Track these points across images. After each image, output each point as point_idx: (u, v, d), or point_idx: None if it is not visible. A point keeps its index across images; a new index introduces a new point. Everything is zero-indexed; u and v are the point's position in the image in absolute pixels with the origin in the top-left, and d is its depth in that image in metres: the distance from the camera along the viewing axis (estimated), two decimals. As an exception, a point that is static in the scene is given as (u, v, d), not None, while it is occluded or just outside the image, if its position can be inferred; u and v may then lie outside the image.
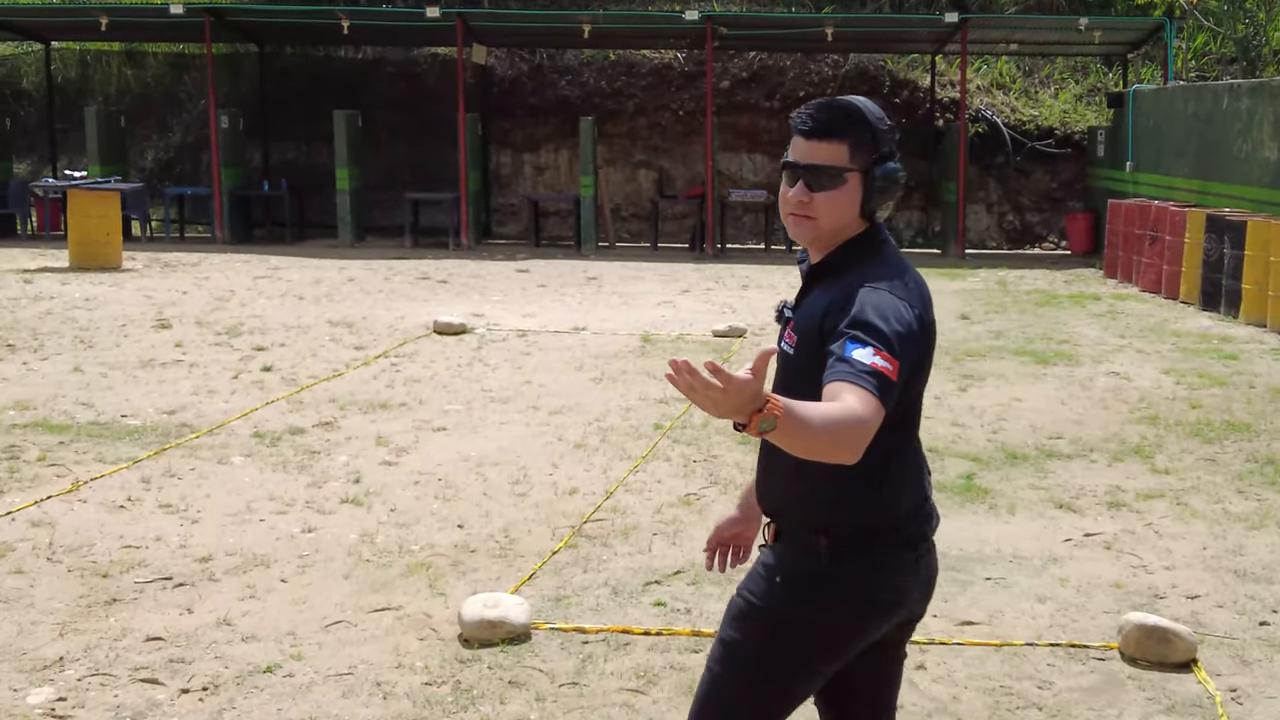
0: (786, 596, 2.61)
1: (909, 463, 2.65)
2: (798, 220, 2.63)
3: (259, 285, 14.76)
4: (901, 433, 2.60)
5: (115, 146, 20.27)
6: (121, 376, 9.53)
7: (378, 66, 22.83)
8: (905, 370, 2.45)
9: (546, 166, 22.54)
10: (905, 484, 2.63)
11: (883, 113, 2.66)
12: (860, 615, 2.60)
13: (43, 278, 14.97)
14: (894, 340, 2.43)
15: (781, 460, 2.49)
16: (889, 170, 2.60)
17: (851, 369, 2.37)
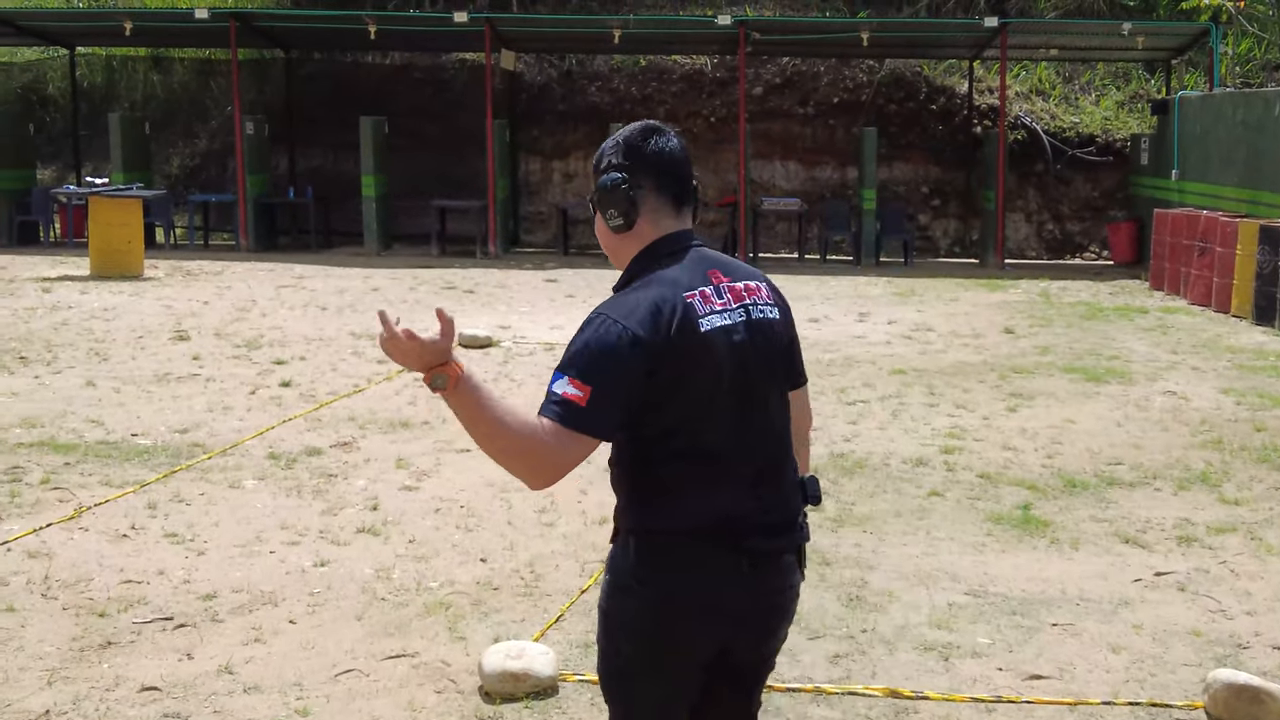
0: (608, 595, 2.72)
1: (689, 475, 2.63)
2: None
3: (281, 295, 14.43)
4: (671, 447, 2.62)
5: (140, 153, 20.02)
6: (134, 392, 9.18)
7: (405, 72, 22.53)
8: (609, 392, 2.49)
9: (576, 174, 22.16)
10: (685, 496, 2.62)
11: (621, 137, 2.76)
12: (666, 619, 2.63)
13: (62, 286, 14.68)
14: (587, 367, 2.50)
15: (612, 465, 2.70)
16: (600, 184, 2.73)
17: (546, 400, 2.52)
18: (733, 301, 2.69)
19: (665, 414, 2.60)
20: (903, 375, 10.11)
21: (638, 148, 2.73)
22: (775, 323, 2.76)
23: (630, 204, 2.70)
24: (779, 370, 2.78)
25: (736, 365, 2.65)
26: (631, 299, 2.61)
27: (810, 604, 5.22)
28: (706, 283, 2.68)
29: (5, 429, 7.98)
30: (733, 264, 2.78)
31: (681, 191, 2.77)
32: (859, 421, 8.52)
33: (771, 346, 2.74)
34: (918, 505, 6.66)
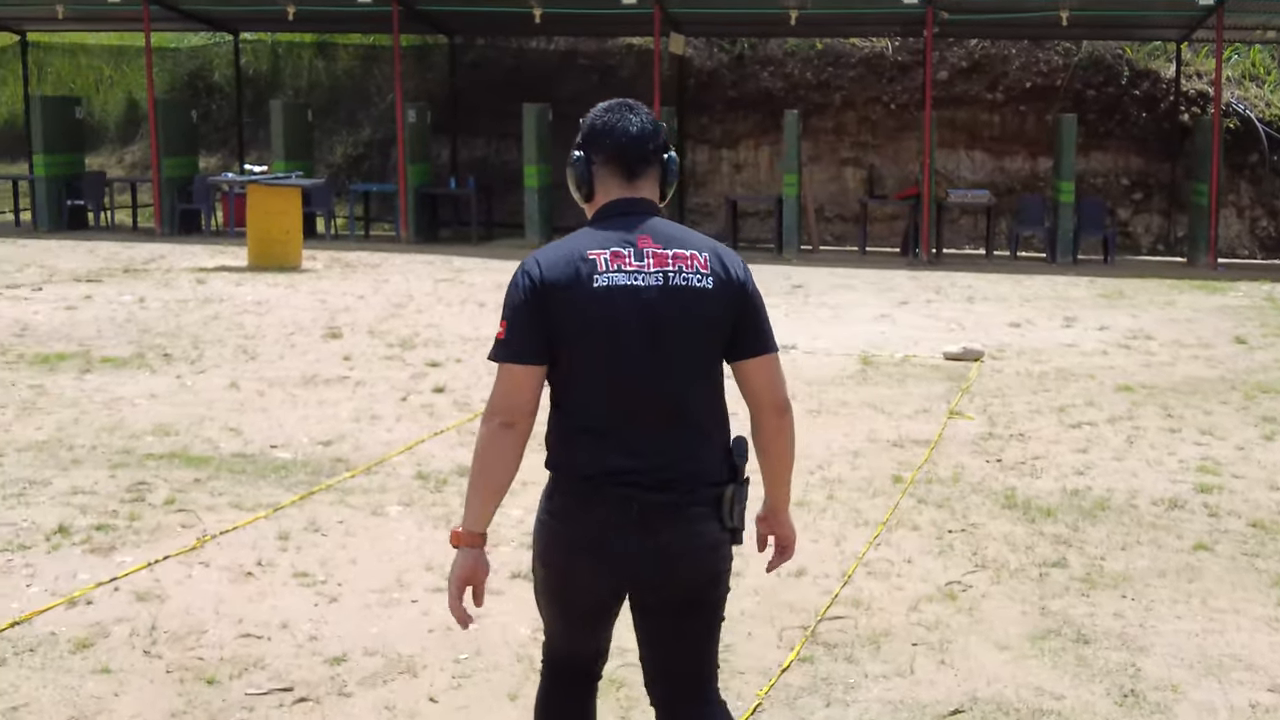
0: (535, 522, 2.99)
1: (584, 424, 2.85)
2: None
3: (439, 290, 13.73)
4: (572, 396, 2.86)
5: (301, 141, 19.64)
6: (279, 396, 8.49)
7: (570, 59, 21.78)
8: (518, 325, 2.84)
9: (745, 164, 21.15)
10: (581, 444, 2.86)
11: (587, 117, 2.99)
12: (560, 554, 2.92)
13: (217, 278, 14.24)
14: (505, 306, 2.89)
15: None
16: (571, 159, 2.98)
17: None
18: (651, 265, 2.85)
19: (567, 361, 2.84)
20: (1130, 392, 8.85)
21: (594, 127, 2.97)
22: (703, 292, 2.86)
23: (585, 179, 2.97)
24: (700, 336, 2.87)
25: (640, 324, 2.82)
26: (550, 246, 2.91)
27: (1075, 700, 4.13)
28: (625, 245, 2.87)
29: (137, 437, 7.32)
30: (670, 233, 2.92)
31: (632, 164, 2.95)
32: (1089, 450, 7.33)
33: (690, 312, 2.85)
34: (1183, 562, 5.49)
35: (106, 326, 10.90)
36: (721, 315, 2.89)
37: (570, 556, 2.91)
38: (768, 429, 2.99)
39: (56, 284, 13.46)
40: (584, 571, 2.91)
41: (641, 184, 2.97)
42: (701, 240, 2.97)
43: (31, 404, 8.08)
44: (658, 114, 18.59)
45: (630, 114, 2.97)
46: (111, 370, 9.16)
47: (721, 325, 2.90)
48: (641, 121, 2.97)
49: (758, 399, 2.97)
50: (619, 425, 2.85)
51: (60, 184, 19.32)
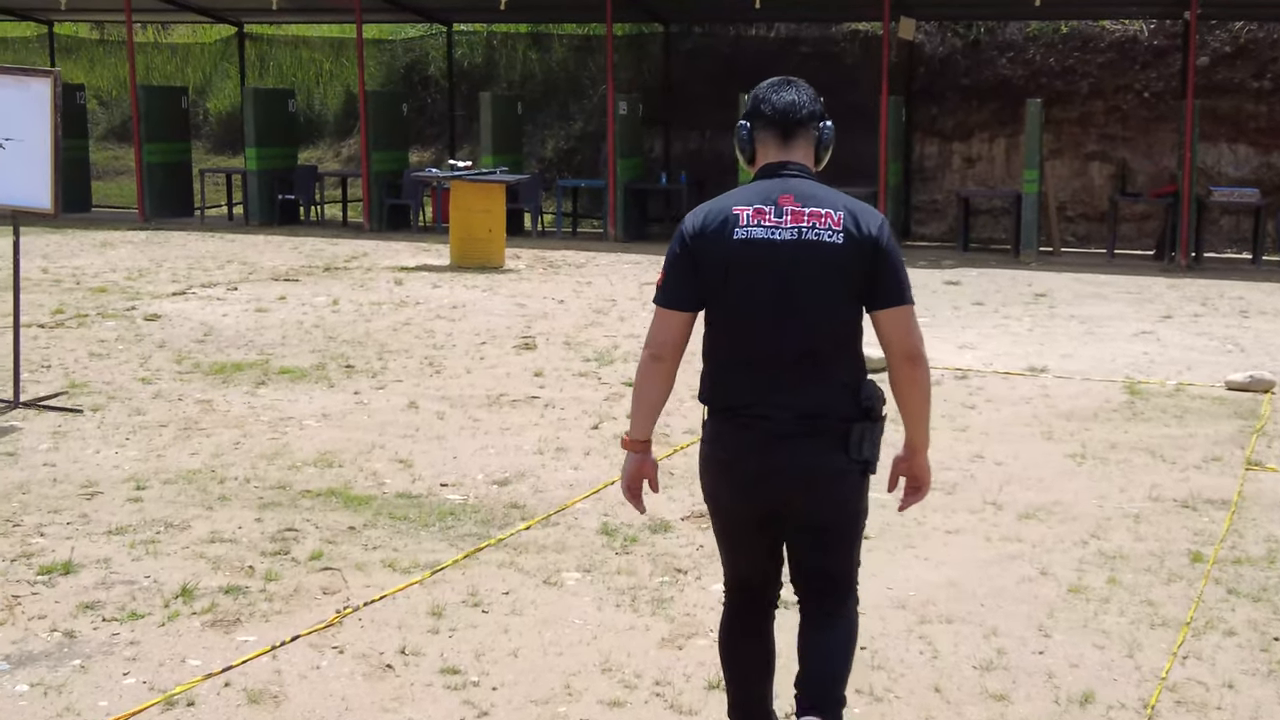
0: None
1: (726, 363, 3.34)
2: None
3: (644, 294, 12.76)
4: (717, 339, 3.36)
5: (511, 135, 18.98)
6: (459, 420, 7.61)
7: (791, 46, 20.55)
8: (674, 275, 3.29)
9: (978, 157, 19.56)
10: (722, 380, 3.34)
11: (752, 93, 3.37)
12: (710, 477, 3.42)
13: (416, 278, 13.59)
14: (665, 258, 3.33)
15: None
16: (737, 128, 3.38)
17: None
18: (789, 221, 3.21)
19: (714, 306, 3.29)
20: None
21: (756, 98, 3.35)
22: (834, 246, 3.18)
23: (747, 144, 3.36)
24: (829, 286, 3.20)
25: (774, 274, 3.19)
26: (701, 205, 3.34)
27: None
28: (768, 203, 3.24)
29: (297, 468, 6.53)
30: (812, 192, 3.25)
31: (785, 130, 3.30)
32: None
33: (820, 264, 3.19)
34: None
35: (293, 332, 10.28)
36: (851, 268, 3.19)
37: (720, 482, 3.36)
38: (900, 376, 3.31)
39: (253, 283, 13.02)
40: (732, 496, 3.34)
41: (795, 148, 3.30)
42: (840, 199, 3.25)
43: (194, 423, 7.40)
44: (884, 104, 17.32)
45: (787, 86, 3.32)
46: (287, 384, 8.47)
47: (851, 277, 3.20)
48: (795, 93, 3.30)
49: (891, 347, 3.28)
50: (757, 365, 3.24)
51: (272, 178, 19.14)
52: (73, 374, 8.62)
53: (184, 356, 9.24)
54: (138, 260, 14.66)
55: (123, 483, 6.24)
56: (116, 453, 6.77)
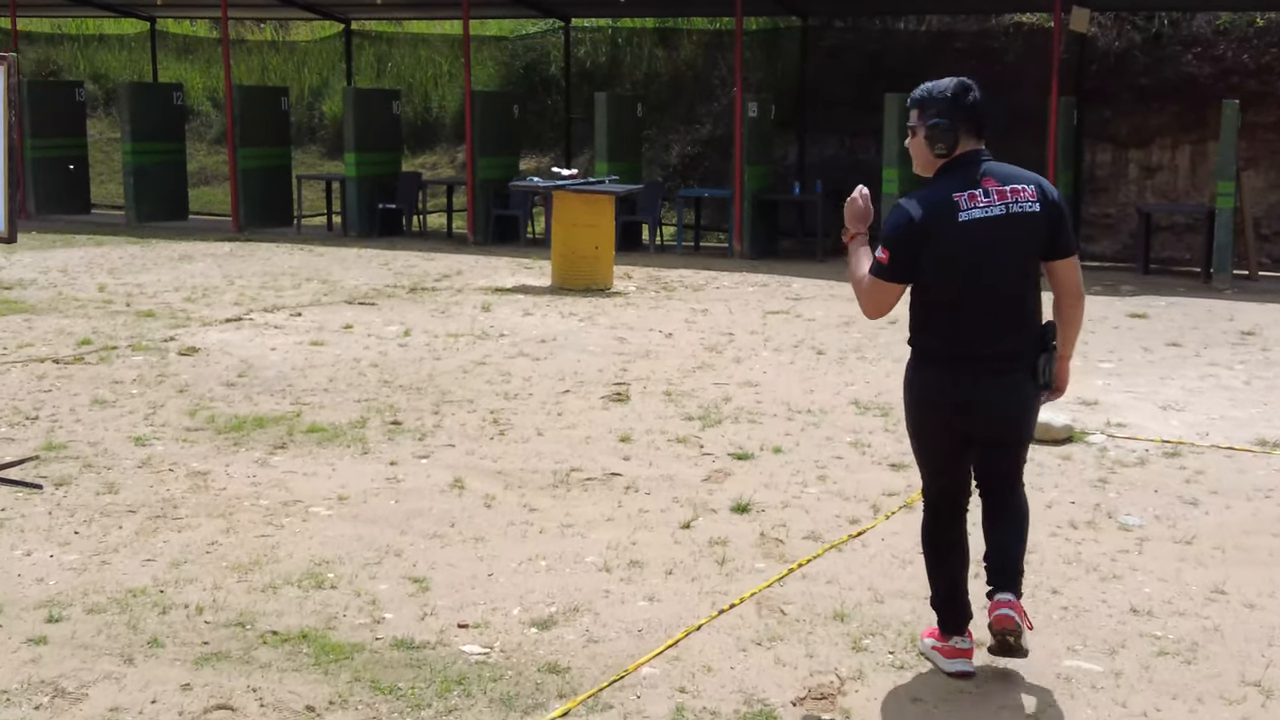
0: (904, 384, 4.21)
1: (936, 317, 4.01)
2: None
3: (768, 325, 10.90)
4: (930, 297, 4.00)
5: (628, 139, 17.23)
6: (510, 509, 5.86)
7: (944, 41, 18.44)
8: (899, 255, 3.92)
9: (1158, 167, 17.21)
10: (931, 329, 4.04)
11: (946, 88, 3.99)
12: (917, 403, 4.13)
13: (508, 303, 11.92)
14: (888, 239, 3.93)
15: None
16: (932, 124, 3.96)
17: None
18: (996, 199, 3.95)
19: (930, 274, 3.94)
20: None
21: (956, 101, 3.97)
22: (1034, 214, 3.96)
23: (953, 140, 3.98)
24: (1031, 249, 4.01)
25: (986, 246, 3.92)
26: (921, 193, 3.97)
27: None
28: (976, 186, 3.96)
29: (274, 589, 4.83)
30: (1004, 172, 4.01)
31: (979, 124, 4.00)
32: None
33: (1025, 231, 3.97)
34: None
35: (344, 373, 8.66)
36: (1045, 230, 4.01)
37: (927, 410, 4.12)
38: (1066, 309, 4.15)
39: (324, 306, 11.47)
40: (937, 420, 4.10)
41: (981, 138, 4.02)
42: (1026, 174, 4.05)
43: (172, 509, 5.77)
44: (1054, 106, 15.11)
45: (973, 87, 4.03)
46: (312, 447, 6.81)
47: (1043, 237, 4.02)
48: (979, 92, 4.03)
49: (1064, 287, 4.13)
50: (969, 319, 3.98)
51: (372, 185, 17.72)
52: (58, 430, 7.09)
53: (202, 406, 7.65)
54: (210, 277, 13.27)
55: (35, 608, 4.62)
56: (52, 556, 5.16)
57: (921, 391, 4.07)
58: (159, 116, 19.00)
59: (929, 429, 4.12)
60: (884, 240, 3.92)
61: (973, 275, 3.92)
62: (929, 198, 3.92)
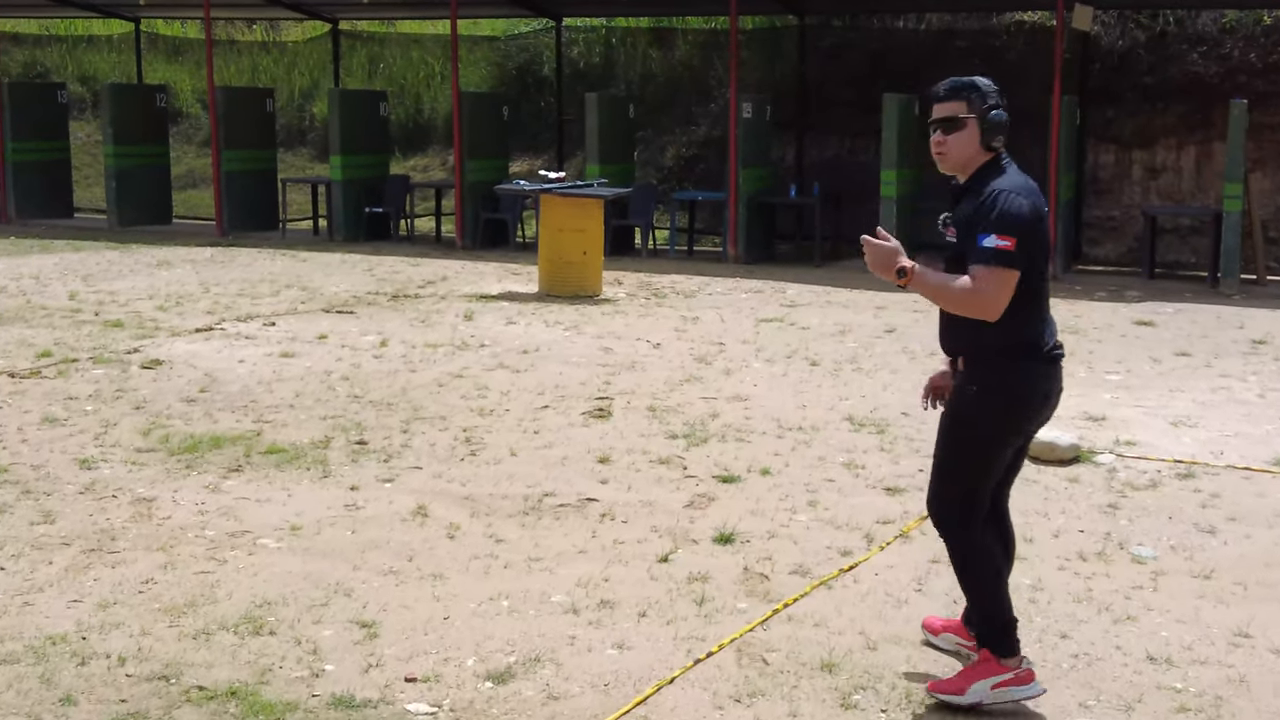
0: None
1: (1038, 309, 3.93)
2: (940, 157, 3.95)
3: (760, 334, 10.48)
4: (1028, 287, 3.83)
5: (620, 141, 16.80)
6: (475, 540, 5.44)
7: (945, 40, 18.03)
8: (1022, 242, 3.75)
9: (1163, 168, 16.79)
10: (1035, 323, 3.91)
11: (989, 81, 3.94)
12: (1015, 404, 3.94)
13: (492, 311, 11.49)
14: (1008, 227, 3.74)
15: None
16: (994, 117, 3.85)
17: (980, 252, 3.74)
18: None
19: (1030, 261, 3.81)
20: None
21: (996, 89, 3.95)
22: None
23: (1006, 133, 3.94)
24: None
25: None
26: (1017, 183, 3.85)
27: None
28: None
29: (208, 635, 4.40)
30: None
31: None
32: None
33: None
34: None
35: (312, 387, 8.24)
36: None
37: (1031, 413, 3.95)
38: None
39: (300, 315, 11.06)
40: (1032, 422, 3.98)
41: None
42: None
43: (109, 541, 5.35)
44: (1056, 106, 14.68)
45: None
46: (269, 470, 6.39)
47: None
48: None
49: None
50: (1048, 307, 4.00)
51: (359, 189, 17.30)
52: (2, 451, 6.67)
53: (158, 424, 7.23)
54: (186, 284, 12.84)
55: (-58, 658, 4.20)
56: (-30, 596, 4.74)
57: (1029, 391, 3.90)
58: (142, 118, 18.57)
59: (1014, 433, 3.97)
60: (1008, 227, 3.72)
61: (1046, 262, 3.94)
62: (1029, 185, 3.87)
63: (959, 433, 3.97)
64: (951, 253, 3.90)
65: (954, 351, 4.02)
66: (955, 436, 3.98)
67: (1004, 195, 3.77)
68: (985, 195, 3.79)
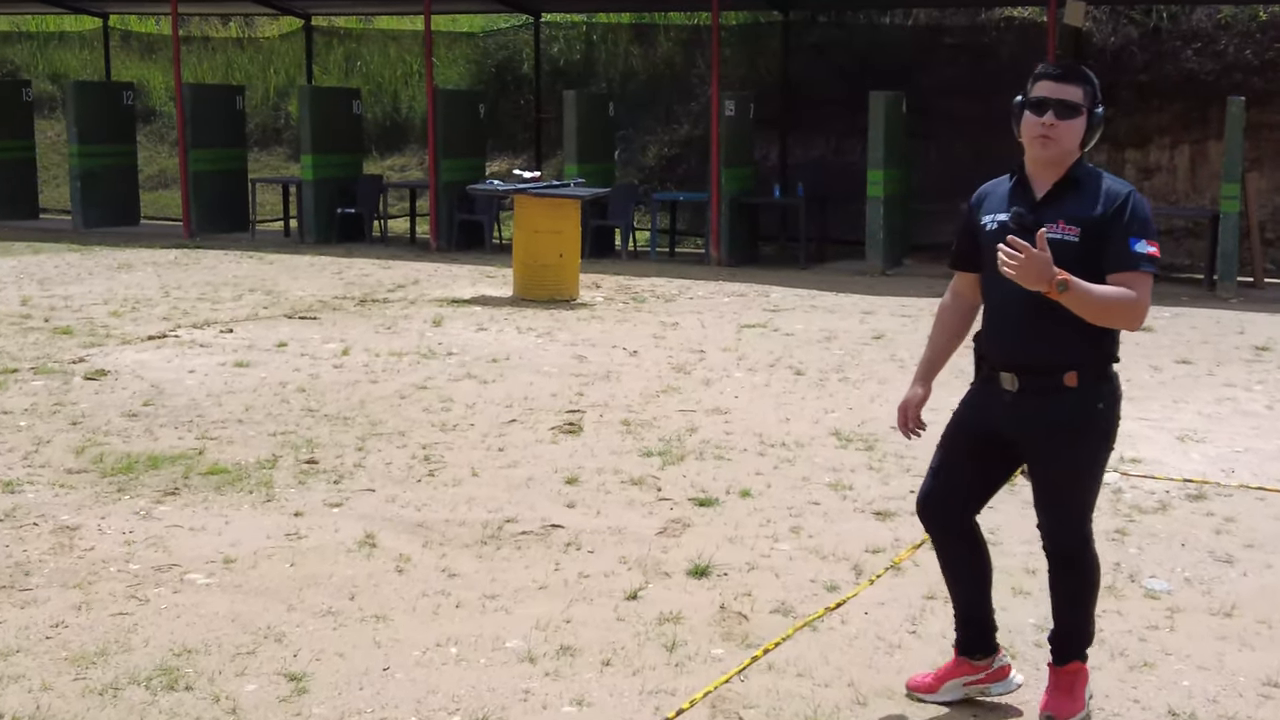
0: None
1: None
2: (1045, 141, 3.52)
3: (742, 340, 10.01)
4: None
5: (599, 140, 16.32)
6: (426, 573, 4.95)
7: (933, 36, 17.60)
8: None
9: (1157, 167, 16.38)
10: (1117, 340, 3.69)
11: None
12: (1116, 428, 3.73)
13: (463, 316, 11.01)
14: (1153, 231, 3.51)
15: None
16: (1100, 115, 3.55)
17: (1135, 257, 3.45)
18: None
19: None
20: None
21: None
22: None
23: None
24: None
25: None
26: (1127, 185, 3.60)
27: None
28: None
29: (114, 692, 3.90)
30: None
31: None
32: None
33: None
34: None
35: (265, 400, 7.74)
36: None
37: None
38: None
39: (260, 321, 10.55)
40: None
41: None
42: None
43: (21, 577, 4.85)
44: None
45: None
46: (208, 493, 5.90)
47: None
48: None
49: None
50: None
51: (331, 189, 16.79)
52: (-81, 472, 6.17)
53: (94, 442, 6.73)
54: (146, 288, 12.33)
55: None
56: None
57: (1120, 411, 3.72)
58: (109, 117, 18.02)
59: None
60: (1151, 231, 3.50)
61: None
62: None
63: (1100, 455, 3.64)
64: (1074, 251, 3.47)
65: (1052, 366, 3.56)
66: (1097, 459, 3.64)
67: (1137, 197, 3.51)
68: (1111, 195, 3.51)
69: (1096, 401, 3.59)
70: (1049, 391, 3.57)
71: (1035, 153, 3.57)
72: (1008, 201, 3.65)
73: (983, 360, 3.78)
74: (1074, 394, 3.56)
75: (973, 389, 3.85)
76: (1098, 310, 3.41)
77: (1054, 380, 3.55)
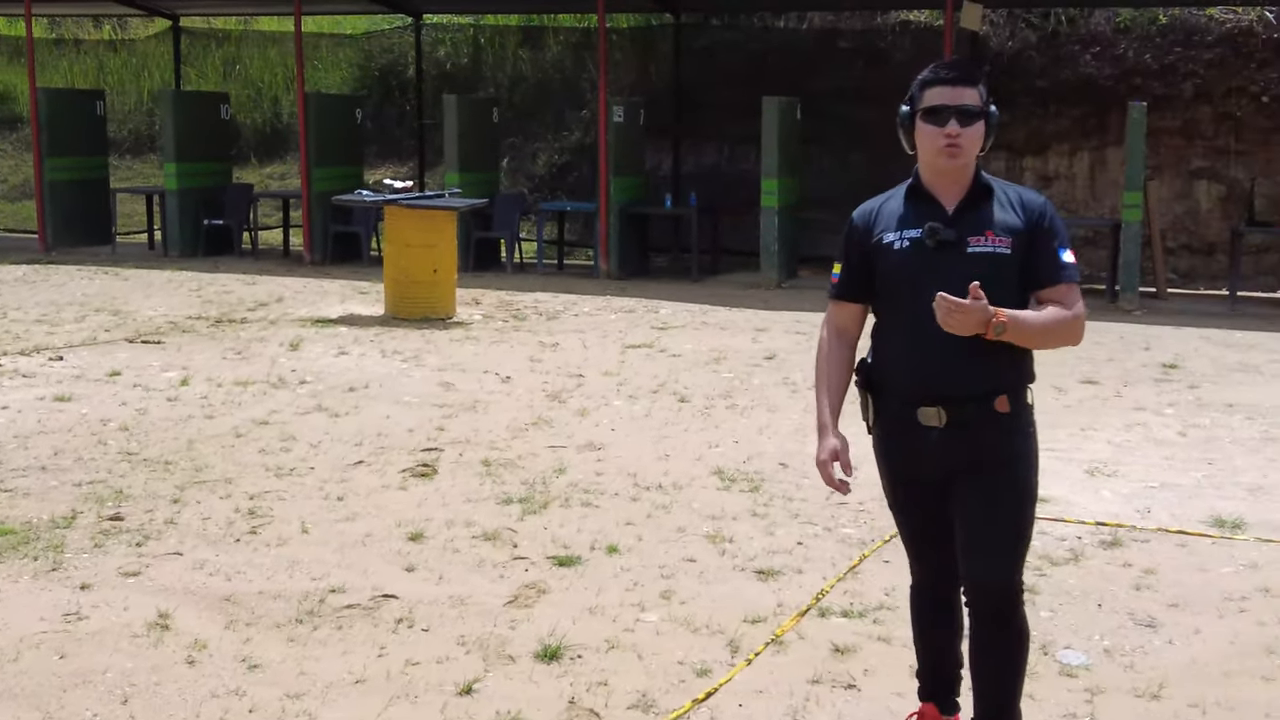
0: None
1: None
2: (954, 151, 3.18)
3: (625, 362, 9.30)
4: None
5: (484, 147, 15.52)
6: (222, 666, 4.15)
7: (828, 40, 17.05)
8: None
9: (1056, 175, 15.99)
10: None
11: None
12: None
13: (325, 338, 10.16)
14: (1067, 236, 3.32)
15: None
16: (997, 115, 3.26)
17: (1066, 268, 3.21)
18: None
19: None
20: None
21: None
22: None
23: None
24: None
25: None
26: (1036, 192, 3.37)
27: None
28: None
29: None
30: None
31: None
32: None
33: None
34: None
35: (78, 442, 6.86)
36: None
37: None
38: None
39: (97, 347, 9.62)
40: None
41: None
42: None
43: None
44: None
45: None
46: (-17, 562, 5.04)
47: None
48: None
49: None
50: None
51: (197, 199, 15.79)
52: None
53: None
54: (-20, 309, 11.31)
55: None
56: None
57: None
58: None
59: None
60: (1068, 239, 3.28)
61: None
62: None
63: (1034, 485, 3.30)
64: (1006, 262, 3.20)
65: (983, 393, 3.19)
66: (1031, 492, 3.28)
67: (1050, 204, 3.28)
68: (1029, 204, 3.24)
69: (1027, 425, 3.27)
70: (982, 421, 3.19)
71: (942, 164, 3.22)
72: (911, 217, 3.26)
73: (885, 397, 3.25)
74: (1007, 420, 3.21)
75: (881, 434, 3.31)
76: (1040, 339, 3.17)
77: (984, 407, 3.19)
